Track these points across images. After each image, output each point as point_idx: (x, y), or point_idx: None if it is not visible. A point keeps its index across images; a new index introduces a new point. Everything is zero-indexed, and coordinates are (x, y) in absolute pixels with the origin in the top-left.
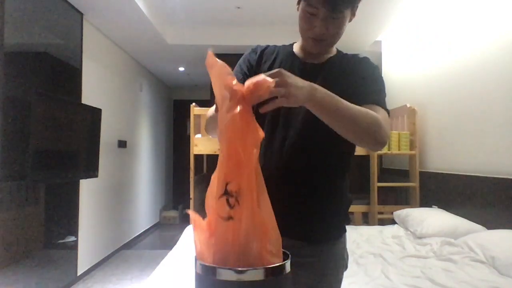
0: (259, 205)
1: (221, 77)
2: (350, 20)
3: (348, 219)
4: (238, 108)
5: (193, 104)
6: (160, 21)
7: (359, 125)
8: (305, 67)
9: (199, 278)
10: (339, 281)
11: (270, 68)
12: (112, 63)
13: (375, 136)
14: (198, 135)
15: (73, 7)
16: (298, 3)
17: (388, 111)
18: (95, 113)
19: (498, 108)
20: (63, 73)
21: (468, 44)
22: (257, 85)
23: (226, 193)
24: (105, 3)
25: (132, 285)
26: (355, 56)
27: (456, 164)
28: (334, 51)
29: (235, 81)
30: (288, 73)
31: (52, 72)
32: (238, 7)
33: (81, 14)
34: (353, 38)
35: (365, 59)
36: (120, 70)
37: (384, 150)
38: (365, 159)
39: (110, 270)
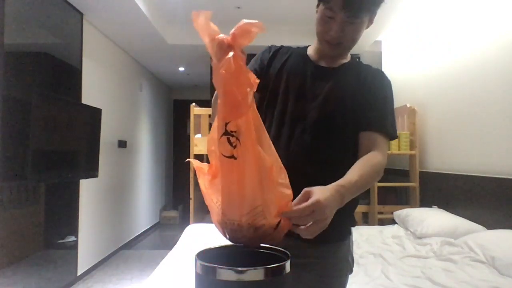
0: (260, 142)
1: (205, 32)
2: (367, 27)
3: (353, 221)
4: (231, 54)
5: (193, 104)
6: (160, 21)
7: (371, 184)
8: (318, 70)
9: (199, 278)
10: (343, 283)
11: (281, 67)
12: (112, 63)
13: (377, 180)
14: (198, 135)
15: (73, 7)
16: (317, 6)
17: (391, 135)
18: (95, 113)
19: (498, 108)
20: (63, 73)
21: (468, 44)
22: (240, 29)
23: (226, 132)
24: (105, 3)
25: (132, 285)
26: (369, 67)
27: (456, 164)
28: (348, 57)
29: (219, 35)
30: (323, 204)
31: (52, 72)
32: (238, 7)
33: (81, 14)
34: None
35: (380, 73)
36: (120, 70)
37: None
38: None
39: (110, 270)
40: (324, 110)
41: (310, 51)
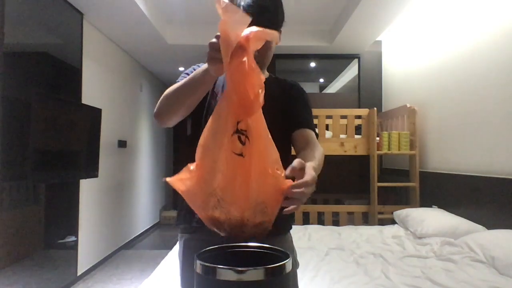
0: (265, 141)
1: (234, 32)
2: (277, 44)
3: (292, 218)
4: (245, 58)
5: None
6: (160, 21)
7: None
8: None
9: (199, 278)
10: (295, 275)
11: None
12: (112, 63)
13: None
14: None
15: (73, 7)
16: None
17: (316, 132)
18: (95, 113)
19: (498, 109)
20: (63, 73)
21: (469, 44)
22: (256, 35)
23: (237, 131)
24: (105, 3)
25: (132, 285)
26: (286, 80)
27: (456, 164)
28: (266, 74)
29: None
30: (311, 178)
31: (52, 72)
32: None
33: (81, 14)
34: (353, 38)
35: (297, 84)
36: (120, 70)
37: (384, 150)
38: (365, 159)
39: (110, 270)
40: None
41: None
